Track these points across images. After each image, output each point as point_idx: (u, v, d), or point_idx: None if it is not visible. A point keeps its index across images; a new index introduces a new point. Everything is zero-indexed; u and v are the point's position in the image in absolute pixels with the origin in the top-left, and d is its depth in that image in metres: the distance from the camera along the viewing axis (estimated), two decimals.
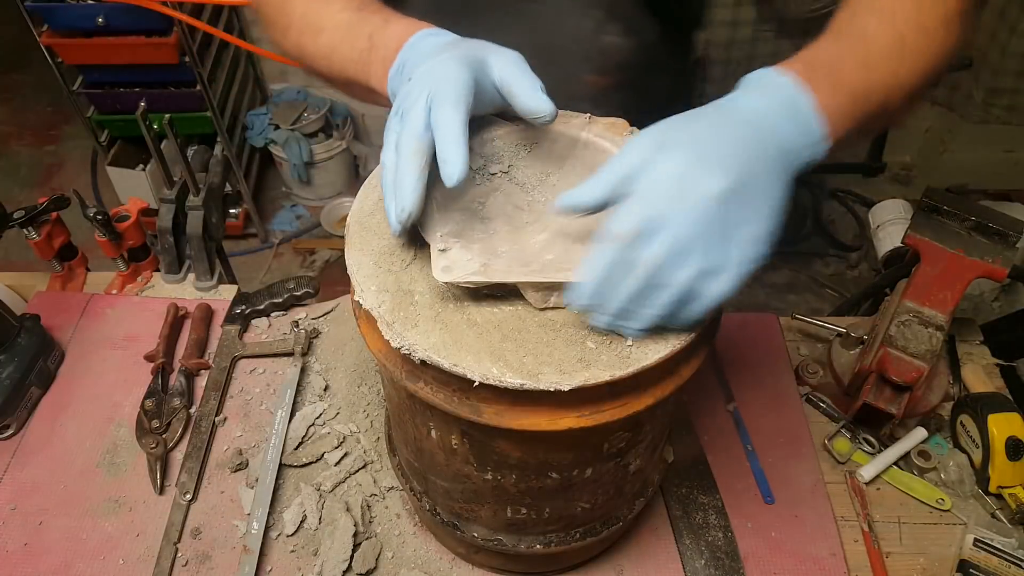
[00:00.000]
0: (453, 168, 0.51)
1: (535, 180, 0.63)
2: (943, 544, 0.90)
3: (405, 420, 0.68)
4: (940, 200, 1.00)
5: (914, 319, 0.94)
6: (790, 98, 0.53)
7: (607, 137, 0.66)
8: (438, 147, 0.52)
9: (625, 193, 0.49)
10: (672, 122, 0.52)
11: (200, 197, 1.18)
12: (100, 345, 1.09)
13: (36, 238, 1.14)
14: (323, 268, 2.72)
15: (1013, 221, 0.97)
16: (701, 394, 1.04)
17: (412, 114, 0.53)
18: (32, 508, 0.91)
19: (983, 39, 2.59)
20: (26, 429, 0.99)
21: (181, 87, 2.37)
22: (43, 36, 2.18)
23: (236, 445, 0.98)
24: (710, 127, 0.51)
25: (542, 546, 0.76)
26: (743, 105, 0.53)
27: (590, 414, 0.55)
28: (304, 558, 0.87)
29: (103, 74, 2.34)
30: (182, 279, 1.20)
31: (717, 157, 0.48)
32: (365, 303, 0.57)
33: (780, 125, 0.52)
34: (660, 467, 0.84)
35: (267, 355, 1.07)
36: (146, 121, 1.12)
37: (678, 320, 0.52)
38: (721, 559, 0.87)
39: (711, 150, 0.49)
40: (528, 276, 0.55)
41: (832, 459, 0.97)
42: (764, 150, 0.50)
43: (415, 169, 0.53)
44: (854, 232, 2.84)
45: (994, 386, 1.04)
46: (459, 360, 0.53)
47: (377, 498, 0.92)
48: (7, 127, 3.29)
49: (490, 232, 0.58)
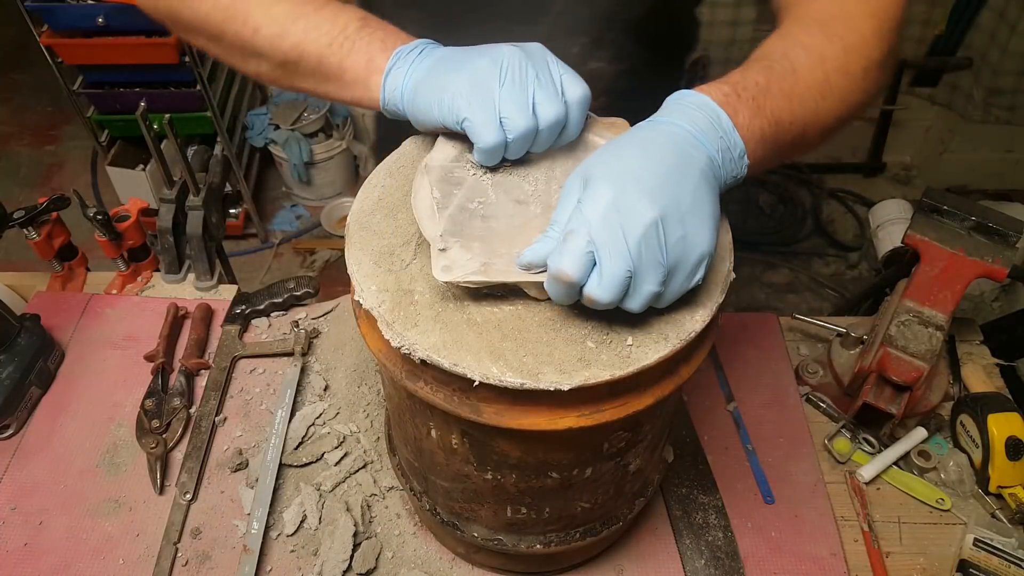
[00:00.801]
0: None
1: (535, 179, 0.63)
2: (943, 544, 0.90)
3: (405, 420, 0.68)
4: (940, 200, 1.00)
5: (914, 319, 0.94)
6: (714, 116, 0.55)
7: (607, 136, 0.67)
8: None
9: (570, 231, 0.50)
10: (602, 153, 0.53)
11: (200, 197, 1.18)
12: (100, 345, 1.09)
13: (36, 238, 1.14)
14: (323, 268, 2.72)
15: (1013, 221, 0.97)
16: (701, 394, 1.04)
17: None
18: (32, 508, 0.91)
19: (983, 39, 2.59)
20: (26, 429, 0.99)
21: (181, 87, 2.37)
22: (43, 36, 2.18)
23: (236, 445, 0.98)
24: (639, 153, 0.52)
25: (542, 546, 0.76)
26: (670, 125, 0.54)
27: (590, 414, 0.55)
28: (304, 558, 0.87)
29: (103, 74, 2.34)
30: (182, 279, 1.20)
31: (647, 185, 0.49)
32: (365, 303, 0.57)
33: (705, 143, 0.54)
34: (660, 467, 0.84)
35: (267, 355, 1.07)
36: (146, 121, 1.12)
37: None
38: (721, 559, 0.87)
39: (640, 176, 0.50)
40: (528, 276, 0.55)
41: (832, 459, 0.97)
42: (691, 169, 0.52)
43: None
44: (854, 232, 2.84)
45: (994, 386, 1.04)
46: (459, 360, 0.53)
47: (377, 498, 0.92)
48: (7, 127, 3.29)
49: (490, 231, 0.58)
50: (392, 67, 0.63)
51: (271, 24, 0.67)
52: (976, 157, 2.85)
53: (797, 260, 2.74)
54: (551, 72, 0.59)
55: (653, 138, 0.53)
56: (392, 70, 0.63)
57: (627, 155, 0.52)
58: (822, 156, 3.03)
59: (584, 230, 0.49)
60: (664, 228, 0.49)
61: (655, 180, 0.50)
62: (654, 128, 0.55)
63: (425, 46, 0.64)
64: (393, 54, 0.63)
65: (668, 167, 0.51)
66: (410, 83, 0.62)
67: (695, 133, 0.53)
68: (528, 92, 0.58)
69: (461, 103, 0.58)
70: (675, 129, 0.54)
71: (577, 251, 0.49)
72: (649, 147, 0.52)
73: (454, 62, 0.60)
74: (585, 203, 0.50)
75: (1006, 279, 0.95)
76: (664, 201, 0.49)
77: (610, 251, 0.49)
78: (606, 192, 0.49)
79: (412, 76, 0.62)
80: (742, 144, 0.55)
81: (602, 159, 0.52)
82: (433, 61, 0.62)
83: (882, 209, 2.33)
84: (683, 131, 0.53)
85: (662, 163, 0.51)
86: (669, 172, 0.50)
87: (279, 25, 0.66)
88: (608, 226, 0.49)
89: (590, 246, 0.49)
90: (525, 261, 0.54)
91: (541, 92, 0.58)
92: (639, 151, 0.52)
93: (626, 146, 0.53)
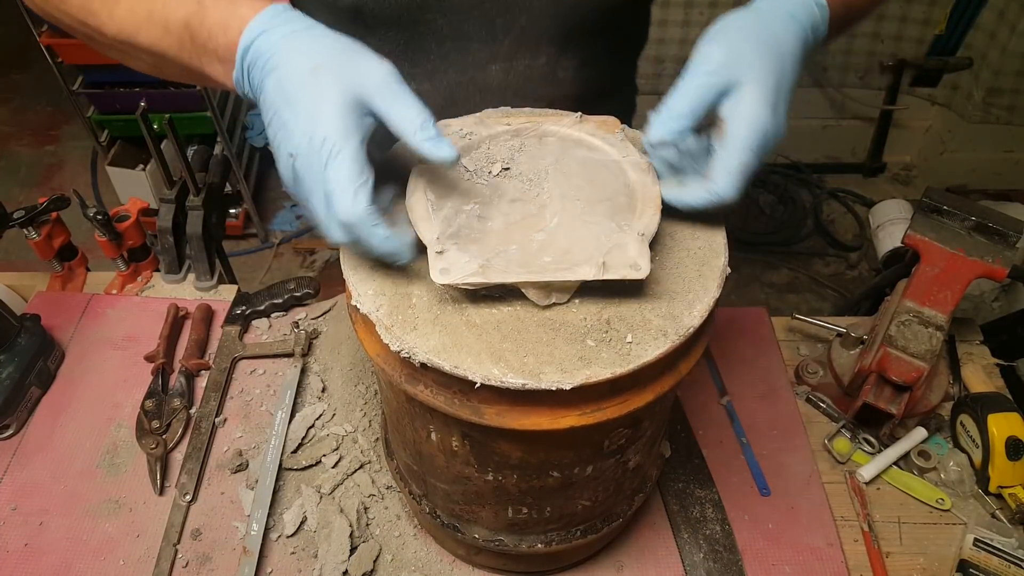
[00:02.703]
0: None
1: (530, 180, 0.63)
2: (943, 544, 0.90)
3: (404, 423, 0.68)
4: (940, 200, 1.00)
5: (914, 319, 0.94)
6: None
7: (599, 135, 0.67)
8: (366, 242, 0.54)
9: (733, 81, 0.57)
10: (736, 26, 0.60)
11: (200, 197, 1.18)
12: (100, 345, 1.09)
13: (36, 238, 1.14)
14: (323, 268, 2.72)
15: (1013, 221, 0.97)
16: (694, 389, 1.04)
17: (314, 200, 0.53)
18: (32, 508, 0.91)
19: (983, 39, 2.59)
20: (26, 429, 0.99)
21: (181, 87, 2.36)
22: (43, 36, 2.18)
23: (236, 446, 0.98)
24: (761, 25, 0.60)
25: (543, 545, 0.77)
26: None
27: (591, 412, 0.55)
28: (304, 560, 0.87)
29: (103, 74, 2.34)
30: (182, 279, 1.20)
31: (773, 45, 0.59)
32: (363, 307, 0.57)
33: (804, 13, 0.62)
34: (658, 462, 0.84)
35: (267, 356, 1.07)
36: (146, 121, 1.12)
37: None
38: (719, 552, 0.87)
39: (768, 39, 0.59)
40: (527, 276, 0.55)
41: (832, 459, 0.97)
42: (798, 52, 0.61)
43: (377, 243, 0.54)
44: (854, 232, 2.84)
45: (994, 386, 1.04)
46: (459, 362, 0.53)
47: (376, 499, 0.92)
48: (7, 127, 3.29)
49: (486, 232, 0.58)
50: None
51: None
52: (976, 157, 2.85)
53: (797, 260, 2.74)
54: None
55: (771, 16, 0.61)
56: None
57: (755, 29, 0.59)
58: (822, 156, 3.03)
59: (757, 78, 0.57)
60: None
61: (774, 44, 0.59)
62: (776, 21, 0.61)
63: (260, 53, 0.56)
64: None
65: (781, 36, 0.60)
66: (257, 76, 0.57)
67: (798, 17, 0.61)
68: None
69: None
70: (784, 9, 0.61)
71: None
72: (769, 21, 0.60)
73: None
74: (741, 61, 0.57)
75: (1006, 279, 0.95)
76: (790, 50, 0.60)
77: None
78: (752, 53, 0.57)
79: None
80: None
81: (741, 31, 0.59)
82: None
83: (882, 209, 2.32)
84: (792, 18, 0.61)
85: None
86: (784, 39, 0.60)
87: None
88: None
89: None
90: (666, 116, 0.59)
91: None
92: (763, 26, 0.60)
93: (751, 22, 0.60)
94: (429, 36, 0.78)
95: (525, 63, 0.81)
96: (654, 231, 0.58)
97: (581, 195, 0.62)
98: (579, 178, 0.63)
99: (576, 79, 0.85)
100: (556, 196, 0.62)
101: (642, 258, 0.55)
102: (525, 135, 0.67)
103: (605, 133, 0.67)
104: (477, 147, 0.66)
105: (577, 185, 0.63)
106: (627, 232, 0.57)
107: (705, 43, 0.59)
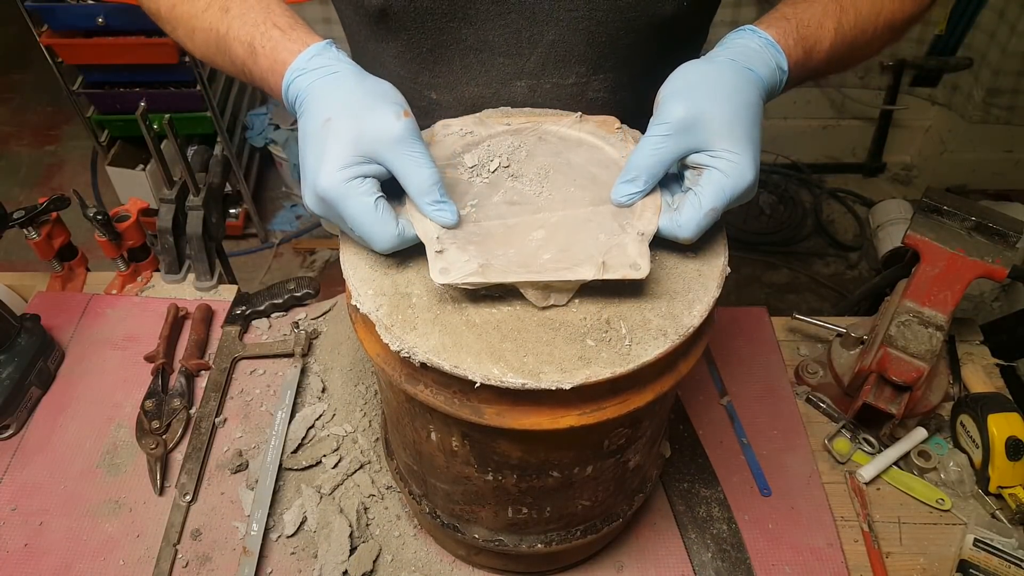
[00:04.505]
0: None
1: (530, 179, 0.63)
2: (943, 544, 0.90)
3: (404, 423, 0.68)
4: (940, 200, 1.00)
5: (914, 319, 0.94)
6: (767, 44, 0.65)
7: (598, 134, 0.67)
8: None
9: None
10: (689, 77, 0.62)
11: (200, 197, 1.18)
12: (100, 345, 1.09)
13: (36, 238, 1.14)
14: (323, 268, 2.72)
15: (1013, 221, 0.97)
16: (695, 389, 1.05)
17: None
18: (32, 508, 0.91)
19: (983, 39, 2.59)
20: (26, 429, 0.99)
21: (181, 87, 2.36)
22: (43, 36, 2.18)
23: (236, 446, 0.98)
24: (718, 77, 0.62)
25: (543, 545, 0.77)
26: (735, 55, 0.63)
27: (591, 412, 0.55)
28: (304, 560, 0.87)
29: (103, 74, 2.34)
30: (182, 279, 1.20)
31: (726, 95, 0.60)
32: (363, 307, 0.57)
33: (760, 67, 0.64)
34: (658, 462, 0.84)
35: (267, 356, 1.07)
36: (146, 121, 1.12)
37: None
38: (727, 551, 0.87)
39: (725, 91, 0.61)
40: (526, 276, 0.55)
41: (832, 459, 0.97)
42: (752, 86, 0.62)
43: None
44: (854, 232, 2.84)
45: (994, 386, 1.04)
46: (460, 362, 0.53)
47: (376, 499, 0.92)
48: (7, 127, 3.29)
49: (485, 232, 0.58)
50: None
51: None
52: (976, 157, 2.85)
53: (797, 260, 2.74)
54: None
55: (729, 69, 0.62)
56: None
57: (711, 80, 0.61)
58: (822, 156, 3.03)
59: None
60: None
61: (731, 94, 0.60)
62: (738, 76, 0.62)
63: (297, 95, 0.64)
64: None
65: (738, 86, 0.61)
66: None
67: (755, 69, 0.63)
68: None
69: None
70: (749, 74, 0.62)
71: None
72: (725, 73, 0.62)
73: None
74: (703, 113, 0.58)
75: (1006, 279, 0.95)
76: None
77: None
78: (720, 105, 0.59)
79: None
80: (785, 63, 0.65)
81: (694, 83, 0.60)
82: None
83: (882, 209, 2.32)
84: (749, 72, 0.63)
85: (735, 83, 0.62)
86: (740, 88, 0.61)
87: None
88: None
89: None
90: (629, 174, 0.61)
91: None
92: (720, 78, 0.62)
93: (708, 72, 0.61)
94: (453, 46, 0.77)
95: (553, 81, 0.78)
96: (654, 231, 0.58)
97: (581, 195, 0.62)
98: (579, 178, 0.63)
99: (611, 101, 0.81)
100: (556, 196, 0.62)
101: (642, 258, 0.55)
102: (525, 135, 0.67)
103: (605, 132, 0.67)
104: (477, 146, 0.66)
105: (577, 185, 0.63)
106: (627, 232, 0.57)
107: (666, 99, 0.60)
